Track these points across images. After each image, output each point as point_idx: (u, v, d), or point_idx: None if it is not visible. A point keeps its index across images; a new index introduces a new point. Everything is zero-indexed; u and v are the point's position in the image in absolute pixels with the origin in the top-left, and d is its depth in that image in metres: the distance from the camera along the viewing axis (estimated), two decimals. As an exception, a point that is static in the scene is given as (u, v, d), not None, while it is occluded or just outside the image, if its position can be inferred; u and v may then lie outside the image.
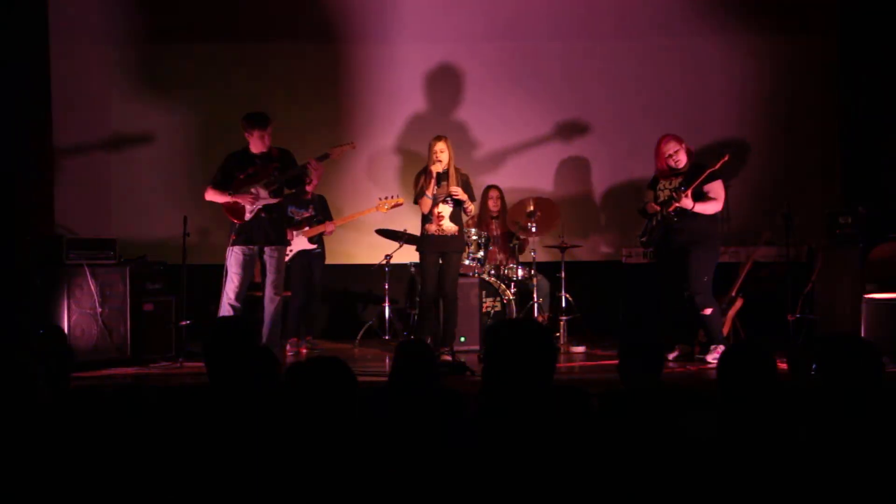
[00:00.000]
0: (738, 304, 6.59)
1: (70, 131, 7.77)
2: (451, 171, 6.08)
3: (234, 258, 5.96)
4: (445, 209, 6.14)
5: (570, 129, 7.98)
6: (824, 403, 2.55)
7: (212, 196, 6.04)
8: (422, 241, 6.26)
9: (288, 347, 6.83)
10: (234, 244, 5.96)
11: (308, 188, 6.25)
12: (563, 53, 7.94)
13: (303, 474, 2.25)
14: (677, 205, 5.87)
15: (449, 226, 6.16)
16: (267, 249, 6.04)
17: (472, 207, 6.26)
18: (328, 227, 6.98)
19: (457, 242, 6.23)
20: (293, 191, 6.33)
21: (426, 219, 6.19)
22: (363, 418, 2.51)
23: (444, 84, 8.01)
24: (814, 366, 2.52)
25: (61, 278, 5.99)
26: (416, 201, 6.21)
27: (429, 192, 6.06)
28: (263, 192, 5.96)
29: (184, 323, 6.25)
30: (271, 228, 6.00)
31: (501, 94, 7.94)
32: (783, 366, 4.38)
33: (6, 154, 7.11)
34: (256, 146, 6.01)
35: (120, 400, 2.74)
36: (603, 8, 7.89)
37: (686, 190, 5.85)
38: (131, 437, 2.54)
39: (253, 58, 7.97)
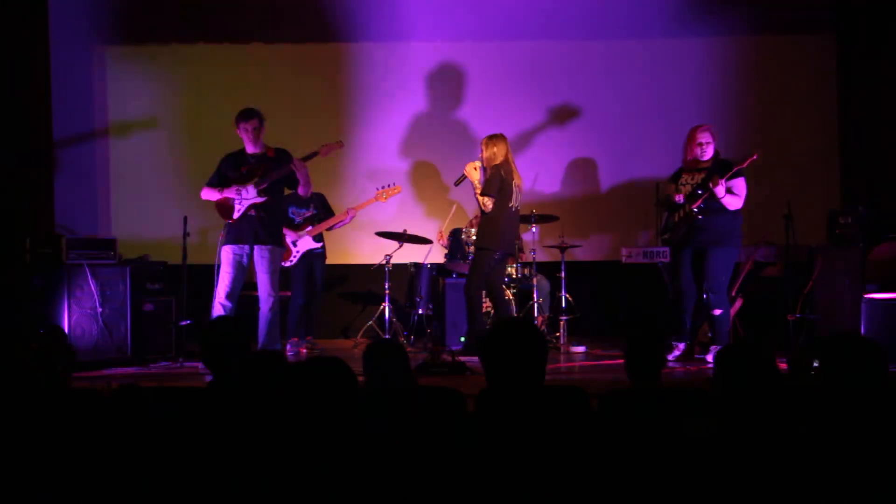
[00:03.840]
0: (738, 304, 6.59)
1: (70, 131, 7.77)
2: (487, 169, 6.21)
3: (224, 257, 5.97)
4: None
5: (571, 130, 7.99)
6: (825, 402, 2.55)
7: (206, 194, 6.07)
8: None
9: (288, 347, 6.82)
10: (223, 243, 5.97)
11: (300, 190, 6.15)
12: (564, 53, 7.94)
13: (303, 474, 2.25)
14: (712, 187, 5.79)
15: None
16: (257, 249, 5.98)
17: (483, 202, 6.17)
18: (350, 213, 6.98)
19: (479, 239, 6.30)
20: (292, 191, 6.26)
21: None
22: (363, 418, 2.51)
23: (445, 83, 8.01)
24: (814, 364, 2.52)
25: (61, 278, 5.99)
26: None
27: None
28: (252, 191, 5.94)
29: (184, 323, 6.25)
30: (261, 227, 5.95)
31: (502, 94, 7.94)
32: (783, 366, 4.38)
33: (6, 154, 7.11)
34: (250, 146, 6.01)
35: (120, 400, 2.74)
36: (603, 8, 7.89)
37: (721, 176, 5.78)
38: (131, 437, 2.54)
39: (253, 57, 7.98)
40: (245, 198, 5.92)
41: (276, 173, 5.93)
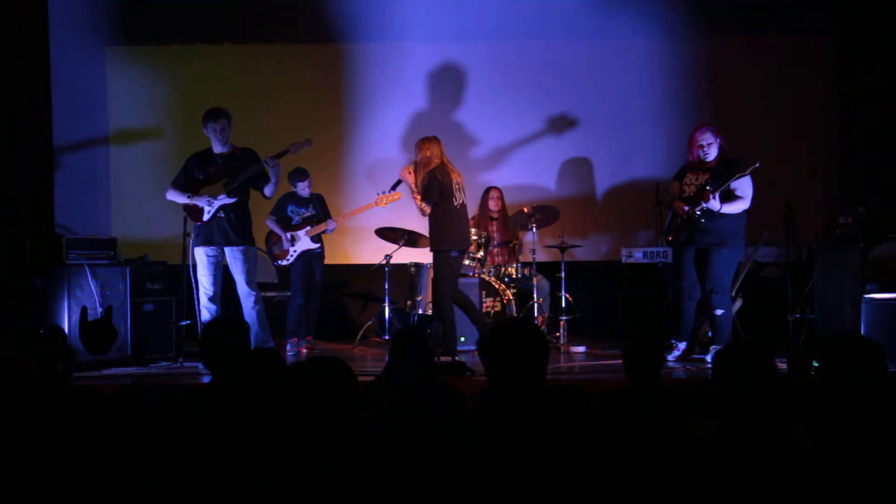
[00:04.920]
0: (738, 304, 6.59)
1: (70, 131, 7.77)
2: (421, 172, 6.11)
3: (199, 260, 6.01)
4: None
5: (570, 129, 7.99)
6: (825, 402, 2.55)
7: (171, 196, 6.09)
8: None
9: (288, 347, 6.82)
10: (195, 245, 6.01)
11: (267, 191, 6.08)
12: (564, 54, 7.94)
13: (303, 474, 2.25)
14: (704, 205, 5.79)
15: None
16: (228, 250, 6.01)
17: (422, 207, 6.11)
18: (329, 224, 6.97)
19: (433, 243, 6.19)
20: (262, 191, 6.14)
21: None
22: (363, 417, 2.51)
23: (444, 83, 8.01)
24: (814, 364, 2.52)
25: (61, 278, 5.99)
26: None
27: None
28: (222, 192, 5.94)
29: (184, 323, 6.25)
30: (231, 229, 5.98)
31: (501, 93, 7.95)
32: (783, 366, 4.38)
33: (6, 154, 7.11)
34: (217, 145, 6.02)
35: (120, 400, 2.74)
36: (604, 9, 7.88)
37: (712, 190, 5.77)
38: (131, 437, 2.54)
39: (253, 58, 7.98)
40: (217, 200, 5.94)
41: (246, 173, 5.94)
